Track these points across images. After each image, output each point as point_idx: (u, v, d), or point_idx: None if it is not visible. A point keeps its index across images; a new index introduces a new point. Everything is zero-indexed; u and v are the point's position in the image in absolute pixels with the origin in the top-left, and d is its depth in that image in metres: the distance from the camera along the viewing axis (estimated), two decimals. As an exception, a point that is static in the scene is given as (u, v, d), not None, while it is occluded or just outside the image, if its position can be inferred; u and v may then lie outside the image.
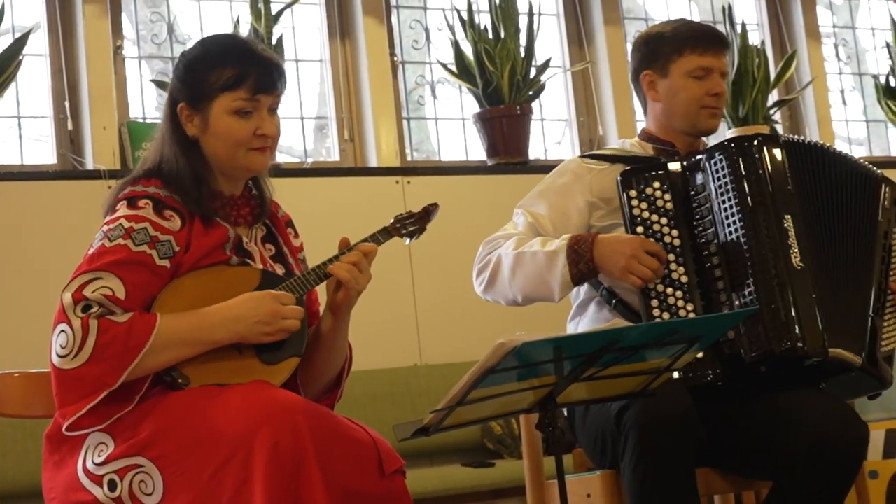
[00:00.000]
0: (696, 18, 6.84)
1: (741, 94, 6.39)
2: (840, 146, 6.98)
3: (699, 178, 3.09)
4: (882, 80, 7.01)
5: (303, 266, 2.91)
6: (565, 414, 3.20)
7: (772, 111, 6.49)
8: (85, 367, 2.53)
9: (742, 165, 3.05)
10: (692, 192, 3.09)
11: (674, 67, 3.26)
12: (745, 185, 3.04)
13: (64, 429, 2.57)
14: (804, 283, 3.00)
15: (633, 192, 3.07)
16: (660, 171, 3.09)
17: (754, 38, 6.65)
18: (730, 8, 6.59)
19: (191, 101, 2.76)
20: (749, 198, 3.03)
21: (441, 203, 2.98)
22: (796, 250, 3.01)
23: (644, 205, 3.07)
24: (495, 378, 2.41)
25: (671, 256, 3.03)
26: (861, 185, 3.17)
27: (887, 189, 3.21)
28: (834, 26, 7.29)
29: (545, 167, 5.78)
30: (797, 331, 2.95)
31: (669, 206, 3.07)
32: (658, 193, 3.07)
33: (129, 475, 2.52)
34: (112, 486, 2.53)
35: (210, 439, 2.48)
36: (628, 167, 3.12)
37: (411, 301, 5.49)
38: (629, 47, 6.48)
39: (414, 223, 2.91)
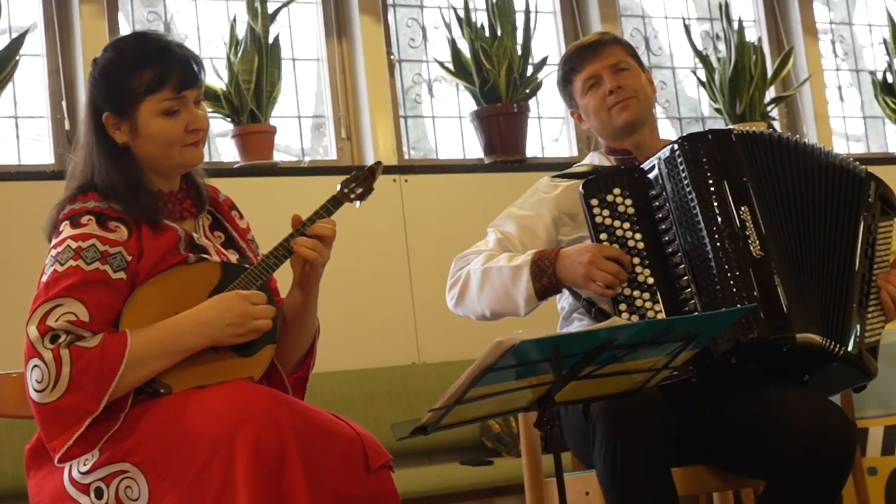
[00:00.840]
0: (694, 16, 6.84)
1: (738, 91, 6.39)
2: (837, 142, 7.00)
3: (657, 180, 3.11)
4: (879, 76, 7.01)
5: (253, 246, 2.91)
6: None
7: (769, 108, 6.50)
8: (64, 398, 2.52)
9: (695, 162, 3.07)
10: (652, 195, 3.11)
11: (574, 89, 3.40)
12: (699, 181, 3.06)
13: (56, 461, 2.57)
14: (765, 270, 3.01)
15: (594, 201, 3.10)
16: (620, 178, 3.12)
17: (751, 35, 6.65)
18: (726, 5, 6.58)
19: (115, 108, 2.71)
20: (704, 193, 3.05)
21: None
22: (755, 240, 3.02)
23: (606, 212, 3.09)
24: (493, 376, 2.41)
25: (636, 260, 3.06)
26: (838, 179, 3.17)
27: (872, 184, 3.21)
28: (831, 23, 7.29)
29: (542, 165, 5.80)
30: (762, 319, 2.95)
31: (631, 210, 3.09)
32: (619, 199, 3.10)
33: (115, 482, 2.52)
34: (99, 493, 2.53)
35: (192, 441, 2.48)
36: (591, 178, 3.14)
37: (409, 299, 5.49)
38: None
39: (359, 185, 2.87)
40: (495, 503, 5.45)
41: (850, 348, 3.06)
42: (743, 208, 3.05)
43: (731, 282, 2.99)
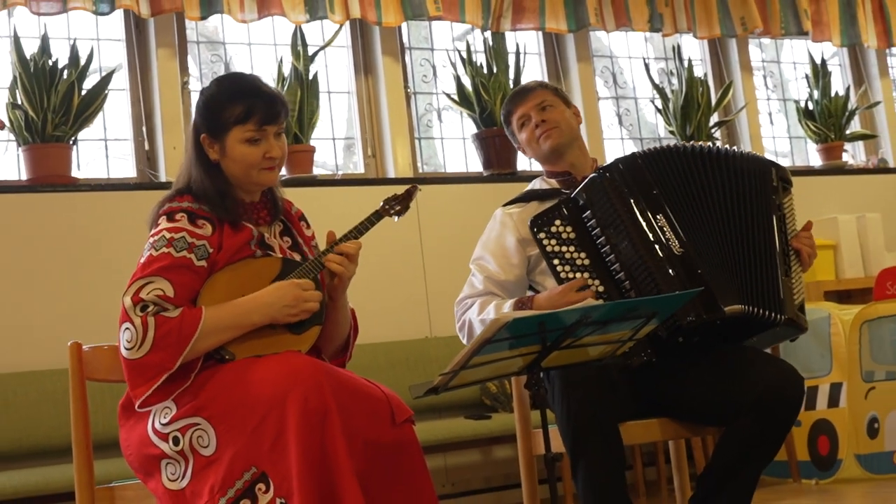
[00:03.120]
0: (652, 56, 6.82)
1: (688, 117, 6.39)
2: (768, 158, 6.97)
3: (587, 205, 3.09)
4: (802, 104, 7.01)
5: (315, 252, 2.91)
6: None
7: (713, 130, 6.49)
8: (148, 356, 2.54)
9: (611, 187, 3.06)
10: (585, 218, 3.08)
11: (513, 128, 3.42)
12: (618, 201, 3.05)
13: (136, 407, 2.58)
14: (688, 263, 2.99)
15: (542, 235, 3.08)
16: (559, 211, 3.09)
17: (699, 71, 6.63)
18: (678, 47, 6.58)
19: (210, 132, 2.74)
20: (623, 211, 3.04)
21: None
22: (674, 240, 3.01)
23: (553, 241, 3.07)
24: (491, 347, 2.42)
25: (585, 274, 3.03)
26: (746, 174, 3.14)
27: (773, 170, 3.19)
28: (763, 61, 7.28)
29: (530, 177, 5.77)
30: (696, 303, 2.93)
31: (572, 235, 3.07)
32: (561, 228, 3.08)
33: (189, 432, 2.53)
34: (176, 441, 2.54)
35: (252, 400, 2.48)
36: (535, 215, 3.11)
37: (422, 284, 5.49)
38: (598, 80, 6.50)
39: (398, 203, 2.92)
40: (493, 450, 5.45)
41: (788, 314, 3.04)
42: (658, 216, 3.03)
43: (663, 279, 2.97)
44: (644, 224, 3.01)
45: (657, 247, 2.99)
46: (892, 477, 4.99)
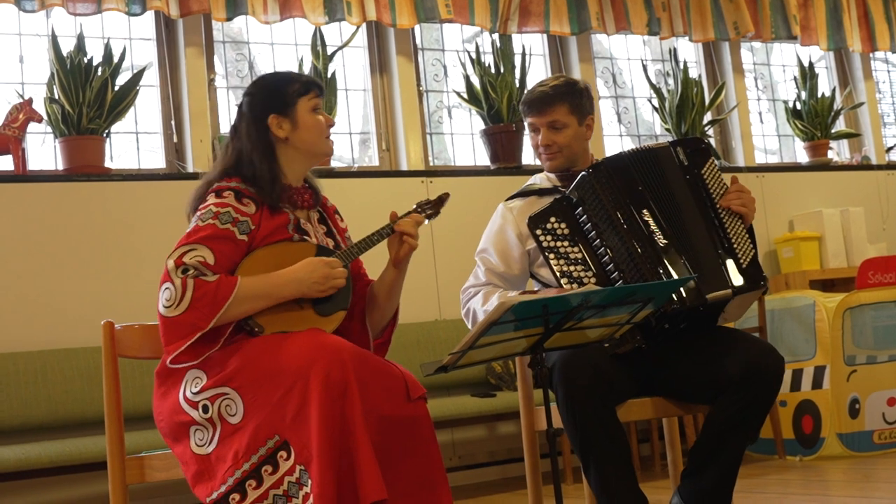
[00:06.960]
0: (649, 58, 6.80)
1: (683, 116, 6.37)
2: (758, 155, 6.96)
3: (579, 203, 3.06)
4: (790, 104, 6.98)
5: (348, 242, 2.92)
6: None
7: (706, 128, 6.47)
8: (184, 315, 2.54)
9: (600, 186, 3.03)
10: (577, 215, 3.06)
11: (525, 123, 3.29)
12: (606, 198, 3.02)
13: (168, 362, 2.58)
14: (672, 254, 2.97)
15: (539, 232, 3.05)
16: (553, 210, 3.06)
17: (693, 73, 6.62)
18: (674, 50, 6.56)
19: (278, 110, 2.77)
20: (611, 208, 3.01)
21: (455, 197, 2.97)
22: (658, 233, 2.99)
23: (549, 237, 3.04)
24: (497, 329, 2.41)
25: (580, 266, 3.01)
26: (663, 160, 3.10)
27: (678, 149, 3.13)
28: (754, 63, 7.25)
29: (534, 170, 5.78)
30: (681, 293, 2.91)
31: (566, 231, 3.04)
32: (556, 225, 3.05)
33: (218, 401, 2.53)
34: (205, 409, 2.54)
35: (277, 373, 2.48)
36: (532, 214, 3.08)
37: (433, 271, 5.49)
38: (598, 80, 6.48)
39: (431, 208, 2.91)
40: (497, 426, 5.45)
41: (737, 283, 2.99)
42: (644, 211, 3.01)
43: (649, 270, 2.96)
44: (631, 219, 2.99)
45: (643, 240, 2.98)
46: (871, 454, 4.99)
